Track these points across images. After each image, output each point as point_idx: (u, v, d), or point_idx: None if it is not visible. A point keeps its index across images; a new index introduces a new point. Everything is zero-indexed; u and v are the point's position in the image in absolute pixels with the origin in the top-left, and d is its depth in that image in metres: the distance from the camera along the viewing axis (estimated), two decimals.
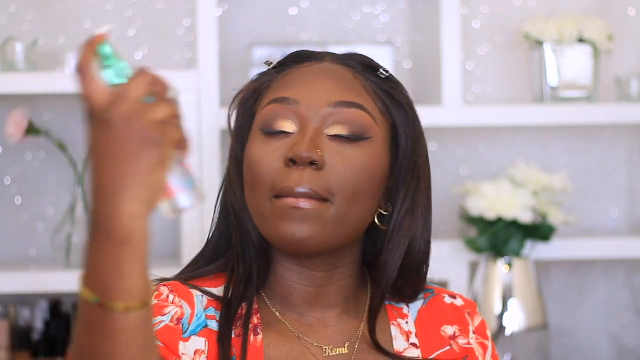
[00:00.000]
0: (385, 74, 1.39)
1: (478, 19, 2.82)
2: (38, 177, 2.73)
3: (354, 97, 1.35)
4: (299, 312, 1.38)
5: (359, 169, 1.32)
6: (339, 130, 1.33)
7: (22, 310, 2.63)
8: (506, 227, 2.54)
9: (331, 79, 1.36)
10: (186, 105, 2.52)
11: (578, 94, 2.67)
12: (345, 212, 1.32)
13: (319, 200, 1.31)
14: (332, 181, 1.31)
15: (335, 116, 1.33)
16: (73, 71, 1.08)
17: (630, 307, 2.88)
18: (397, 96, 1.39)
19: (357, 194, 1.32)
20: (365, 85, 1.37)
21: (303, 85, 1.36)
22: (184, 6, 2.75)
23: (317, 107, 1.34)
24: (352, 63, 1.39)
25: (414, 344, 1.40)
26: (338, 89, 1.35)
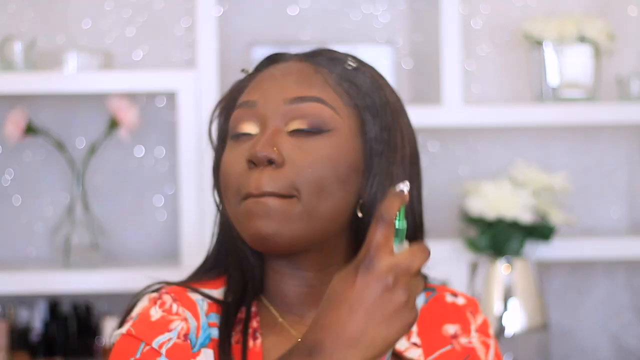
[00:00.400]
0: (352, 65, 1.38)
1: (478, 19, 2.82)
2: (37, 177, 2.73)
3: (311, 92, 1.34)
4: (297, 313, 1.38)
5: (322, 161, 1.31)
6: (297, 125, 1.33)
7: (21, 310, 2.63)
8: (506, 227, 2.54)
9: (289, 76, 1.36)
10: (186, 105, 2.52)
11: (578, 94, 2.66)
12: (313, 206, 1.30)
13: (282, 197, 1.30)
14: (293, 177, 1.30)
15: (293, 112, 1.33)
16: (381, 220, 1.13)
17: (631, 307, 2.87)
18: (364, 87, 1.36)
19: (323, 187, 1.31)
20: (327, 78, 1.35)
21: (262, 86, 1.36)
22: (183, 6, 2.74)
23: (274, 106, 1.34)
24: (317, 59, 1.38)
25: (415, 343, 1.40)
26: (294, 86, 1.35)
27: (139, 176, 2.74)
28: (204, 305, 1.36)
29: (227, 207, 1.35)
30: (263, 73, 1.39)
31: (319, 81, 1.36)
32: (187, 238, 2.51)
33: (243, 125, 1.35)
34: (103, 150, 2.63)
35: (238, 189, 1.32)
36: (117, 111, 2.54)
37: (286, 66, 1.38)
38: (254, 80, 1.39)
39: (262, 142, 1.31)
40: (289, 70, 1.37)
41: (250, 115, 1.34)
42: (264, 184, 1.29)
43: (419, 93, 2.78)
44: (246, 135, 1.34)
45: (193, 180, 2.51)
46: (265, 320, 1.37)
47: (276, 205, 1.29)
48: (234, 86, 1.43)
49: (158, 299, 1.34)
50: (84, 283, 2.51)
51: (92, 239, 2.57)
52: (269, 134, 1.32)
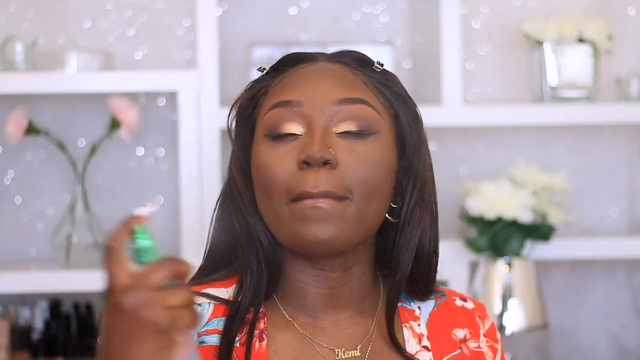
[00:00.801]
0: (380, 67, 1.39)
1: (478, 19, 2.82)
2: (38, 177, 2.73)
3: (357, 93, 1.35)
4: (312, 315, 1.37)
5: (372, 164, 1.32)
6: (347, 127, 1.33)
7: (22, 310, 2.63)
8: (506, 227, 2.54)
9: (331, 77, 1.36)
10: (186, 105, 2.52)
11: (578, 94, 2.67)
12: (364, 208, 1.31)
13: (338, 199, 1.30)
14: (347, 179, 1.30)
15: (342, 114, 1.33)
16: (103, 249, 1.13)
17: (630, 307, 2.88)
18: (396, 88, 1.39)
19: (373, 189, 1.32)
20: (364, 80, 1.37)
21: (304, 86, 1.35)
22: (184, 6, 2.75)
23: (322, 106, 1.33)
24: (346, 60, 1.39)
25: (425, 347, 1.40)
26: (340, 87, 1.35)
27: (139, 176, 2.75)
28: (209, 310, 1.36)
29: (267, 207, 1.33)
30: (296, 72, 1.38)
31: (359, 83, 1.36)
32: (187, 238, 2.51)
33: (286, 125, 1.33)
34: (104, 150, 2.64)
35: (289, 189, 1.31)
36: (118, 111, 2.54)
37: (320, 67, 1.38)
38: (285, 80, 1.37)
39: (318, 144, 1.30)
40: (328, 71, 1.37)
41: (295, 115, 1.33)
42: (322, 183, 1.29)
43: (419, 93, 2.78)
44: (291, 136, 1.33)
45: (193, 180, 2.52)
46: (274, 320, 1.37)
47: (333, 208, 1.29)
48: (253, 86, 1.40)
49: None
50: (84, 282, 2.52)
51: (93, 238, 2.58)
52: (321, 135, 1.31)
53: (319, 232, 1.29)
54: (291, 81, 1.36)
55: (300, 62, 1.39)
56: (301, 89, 1.35)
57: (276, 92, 1.36)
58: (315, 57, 1.40)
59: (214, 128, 2.52)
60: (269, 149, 1.33)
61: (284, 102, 1.34)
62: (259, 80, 1.40)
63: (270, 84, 1.38)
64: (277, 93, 1.36)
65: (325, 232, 1.30)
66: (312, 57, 1.40)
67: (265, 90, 1.38)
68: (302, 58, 1.40)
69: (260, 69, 1.41)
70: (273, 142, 1.33)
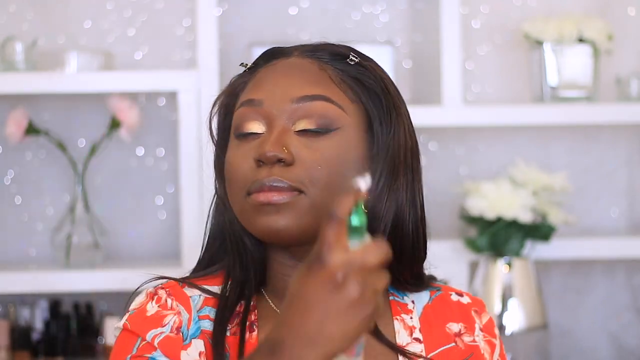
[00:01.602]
0: (355, 59, 1.38)
1: (478, 19, 2.82)
2: (38, 177, 2.73)
3: (318, 90, 1.35)
4: None
5: (330, 160, 1.32)
6: (305, 125, 1.33)
7: (22, 310, 2.63)
8: (506, 227, 2.54)
9: (295, 74, 1.37)
10: (186, 105, 2.52)
11: (578, 94, 2.67)
12: (320, 201, 1.32)
13: (290, 191, 1.31)
14: (302, 174, 1.32)
15: (301, 111, 1.34)
16: (329, 217, 1.10)
17: (630, 307, 2.88)
18: (367, 82, 1.37)
19: (331, 183, 1.32)
20: (332, 75, 1.36)
21: (267, 84, 1.36)
22: (184, 6, 2.75)
23: (280, 105, 1.34)
24: (319, 54, 1.39)
25: (417, 339, 1.40)
26: (301, 84, 1.35)
27: (139, 176, 2.75)
28: (200, 300, 1.37)
29: (232, 202, 1.36)
30: (265, 69, 1.39)
31: (324, 78, 1.36)
32: (187, 237, 2.51)
33: (249, 124, 1.35)
34: (104, 150, 2.64)
35: (245, 185, 1.33)
36: (118, 111, 2.54)
37: (289, 63, 1.39)
38: (256, 77, 1.39)
39: (271, 142, 1.32)
40: (293, 68, 1.38)
41: (256, 114, 1.35)
42: (275, 177, 1.31)
43: (419, 93, 2.78)
44: (252, 135, 1.35)
45: (193, 179, 2.52)
46: (264, 313, 1.38)
47: (284, 201, 1.31)
48: (234, 81, 1.43)
49: (154, 294, 1.36)
50: (84, 282, 2.52)
51: (93, 238, 2.58)
52: (277, 134, 1.33)
53: (271, 223, 1.32)
54: (260, 78, 1.38)
55: (274, 57, 1.41)
56: (265, 87, 1.36)
57: (247, 90, 1.39)
58: (290, 52, 1.41)
59: (214, 124, 2.51)
60: (235, 148, 1.36)
61: (248, 101, 1.36)
62: (241, 76, 1.42)
63: (248, 81, 1.40)
64: (247, 91, 1.38)
65: (277, 222, 1.31)
66: (286, 52, 1.41)
67: (243, 87, 1.40)
68: (277, 53, 1.41)
69: (242, 64, 1.43)
70: (239, 140, 1.36)
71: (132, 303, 1.38)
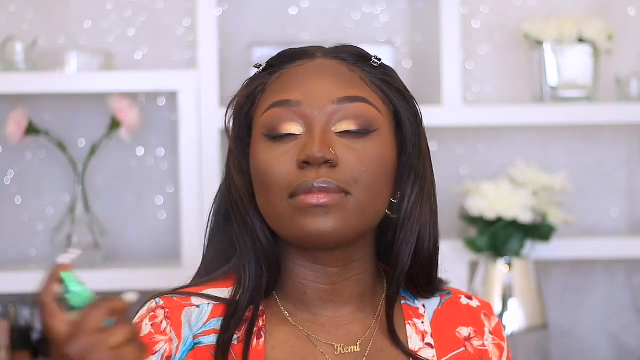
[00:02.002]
0: (378, 62, 1.39)
1: (478, 19, 2.82)
2: (38, 177, 2.73)
3: (356, 91, 1.34)
4: (311, 311, 1.38)
5: (373, 161, 1.33)
6: (347, 126, 1.33)
7: (22, 310, 2.63)
8: (506, 227, 2.54)
9: (329, 75, 1.35)
10: (186, 105, 2.52)
11: (578, 94, 2.67)
12: (365, 202, 1.32)
13: (339, 192, 1.30)
14: (348, 175, 1.31)
15: (341, 113, 1.33)
16: (36, 302, 1.15)
17: (630, 307, 2.88)
18: (395, 83, 1.39)
19: (374, 184, 1.32)
20: (362, 77, 1.36)
21: (302, 85, 1.35)
22: (184, 6, 2.75)
23: (320, 106, 1.33)
24: (343, 56, 1.38)
25: (429, 344, 1.40)
26: (338, 85, 1.34)
27: (139, 176, 2.75)
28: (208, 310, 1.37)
29: (267, 204, 1.33)
30: (293, 70, 1.37)
31: (357, 80, 1.36)
32: (187, 237, 2.51)
33: (285, 125, 1.33)
34: (104, 150, 2.64)
35: (287, 187, 1.31)
36: (118, 111, 2.55)
37: (318, 64, 1.37)
38: (282, 78, 1.37)
39: (318, 144, 1.30)
40: (325, 69, 1.37)
41: (293, 115, 1.33)
42: (323, 178, 1.30)
43: (419, 93, 2.76)
44: (289, 136, 1.33)
45: (193, 179, 2.52)
46: (273, 318, 1.37)
47: (333, 201, 1.30)
48: (250, 83, 1.40)
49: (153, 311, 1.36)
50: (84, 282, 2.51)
51: (93, 238, 2.58)
52: (321, 135, 1.31)
53: (320, 225, 1.30)
54: (289, 79, 1.36)
55: (297, 58, 1.39)
56: (300, 88, 1.34)
57: (274, 91, 1.36)
58: (313, 53, 1.39)
59: (214, 128, 2.52)
60: (268, 149, 1.33)
61: (283, 102, 1.34)
62: (256, 78, 1.40)
63: (268, 82, 1.38)
64: (275, 92, 1.36)
65: (327, 224, 1.30)
66: (310, 53, 1.39)
67: (263, 88, 1.37)
68: (299, 54, 1.39)
69: (256, 65, 1.41)
70: (272, 142, 1.33)
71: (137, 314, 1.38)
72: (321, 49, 1.40)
